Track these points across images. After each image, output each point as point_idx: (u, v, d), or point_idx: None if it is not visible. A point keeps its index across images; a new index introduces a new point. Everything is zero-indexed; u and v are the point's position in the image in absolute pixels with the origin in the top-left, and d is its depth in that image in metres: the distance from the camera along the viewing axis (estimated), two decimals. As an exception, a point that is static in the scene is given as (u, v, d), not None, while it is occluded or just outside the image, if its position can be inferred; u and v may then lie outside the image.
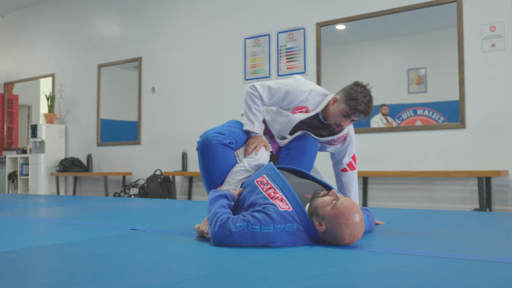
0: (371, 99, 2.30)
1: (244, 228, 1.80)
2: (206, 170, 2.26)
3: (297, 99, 2.35)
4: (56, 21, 7.75)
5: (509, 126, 4.19)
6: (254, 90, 2.38)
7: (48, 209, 4.02)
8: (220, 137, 2.23)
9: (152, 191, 6.01)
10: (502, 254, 1.71)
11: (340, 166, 2.58)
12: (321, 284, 1.28)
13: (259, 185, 2.03)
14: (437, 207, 4.45)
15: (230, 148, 2.26)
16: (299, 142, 2.39)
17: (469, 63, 4.35)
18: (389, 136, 4.75)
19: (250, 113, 2.37)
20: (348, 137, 2.51)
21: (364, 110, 2.27)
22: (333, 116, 2.34)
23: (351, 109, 2.27)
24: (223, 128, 2.32)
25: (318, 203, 1.85)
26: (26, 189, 7.41)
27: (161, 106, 6.42)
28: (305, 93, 2.35)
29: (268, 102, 2.38)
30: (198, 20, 6.14)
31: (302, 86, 2.37)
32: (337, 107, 2.32)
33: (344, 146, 2.53)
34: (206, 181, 2.29)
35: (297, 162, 2.37)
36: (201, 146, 2.24)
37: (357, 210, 1.80)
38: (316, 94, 2.38)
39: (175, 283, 1.29)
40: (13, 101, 8.39)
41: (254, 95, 2.37)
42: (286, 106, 2.38)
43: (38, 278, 1.42)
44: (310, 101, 2.36)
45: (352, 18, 4.97)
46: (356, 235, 1.81)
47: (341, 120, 2.33)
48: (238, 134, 2.35)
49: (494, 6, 4.28)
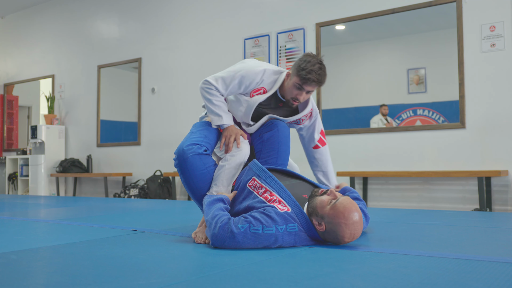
0: (322, 66, 2.24)
1: (246, 229, 1.79)
2: (189, 184, 2.21)
3: (253, 81, 2.30)
4: (56, 22, 7.76)
5: (509, 126, 4.19)
6: (208, 84, 2.31)
7: (48, 210, 4.02)
8: (194, 148, 2.17)
9: (152, 192, 6.01)
10: (502, 254, 1.71)
11: (312, 144, 2.54)
12: (321, 284, 1.28)
13: (253, 189, 2.02)
14: (437, 207, 4.45)
15: (207, 155, 2.22)
16: (270, 132, 2.35)
17: (469, 63, 4.35)
18: (389, 136, 4.75)
19: (213, 106, 2.31)
20: (313, 112, 2.48)
21: (315, 78, 2.22)
22: (288, 91, 2.31)
23: (302, 79, 2.23)
24: (193, 137, 2.25)
25: (317, 202, 1.85)
26: (26, 190, 7.41)
27: (161, 106, 6.42)
28: (259, 74, 2.31)
29: (225, 92, 2.32)
30: (198, 20, 6.14)
31: (255, 67, 2.33)
32: (290, 81, 2.29)
33: (311, 122, 2.50)
34: (192, 195, 2.25)
35: (274, 152, 2.33)
36: (179, 163, 2.19)
37: (356, 209, 1.81)
38: (271, 73, 2.34)
39: (175, 284, 1.29)
40: (13, 102, 8.39)
41: (210, 89, 2.31)
42: (243, 91, 2.33)
43: (38, 279, 1.42)
44: (266, 81, 2.33)
45: (352, 19, 4.97)
46: (356, 233, 1.81)
47: (296, 94, 2.28)
48: (210, 135, 2.30)
49: (494, 6, 4.28)
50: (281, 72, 2.36)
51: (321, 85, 2.29)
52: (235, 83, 2.29)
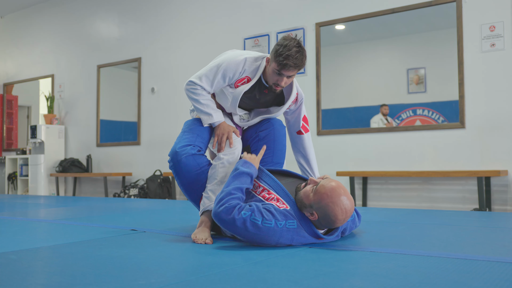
0: (300, 50, 2.14)
1: (247, 217, 1.80)
2: (185, 186, 2.22)
3: (236, 72, 2.27)
4: (55, 22, 7.75)
5: (508, 125, 4.19)
6: (192, 84, 2.30)
7: (48, 210, 4.02)
8: (187, 149, 2.18)
9: (152, 191, 6.01)
10: (501, 254, 1.71)
11: (296, 128, 2.51)
12: (321, 284, 1.28)
13: (252, 190, 2.03)
14: (437, 207, 4.45)
15: (200, 155, 2.22)
16: (266, 131, 2.35)
17: (469, 63, 4.35)
18: (389, 136, 4.75)
19: (201, 106, 2.29)
20: (299, 96, 2.43)
21: (292, 63, 2.13)
22: (269, 77, 2.26)
23: (280, 65, 2.15)
24: (186, 137, 2.25)
25: (302, 195, 1.87)
26: (26, 190, 7.41)
27: (160, 106, 6.42)
28: (241, 63, 2.27)
29: (211, 88, 2.30)
30: (198, 20, 6.14)
31: (236, 57, 2.29)
32: (270, 67, 2.24)
33: (297, 106, 2.46)
34: (188, 196, 2.26)
35: (270, 151, 2.33)
36: (173, 165, 2.20)
37: (338, 185, 1.82)
38: (252, 60, 2.30)
39: (175, 284, 1.29)
40: (13, 102, 8.39)
41: (195, 89, 2.29)
42: (228, 83, 2.31)
43: (38, 279, 1.42)
44: (248, 70, 2.29)
45: (352, 18, 4.97)
46: (347, 209, 1.81)
47: (276, 79, 2.22)
48: (202, 134, 2.30)
49: (494, 6, 4.28)
50: (263, 58, 2.31)
51: (300, 69, 2.21)
52: (219, 78, 2.27)
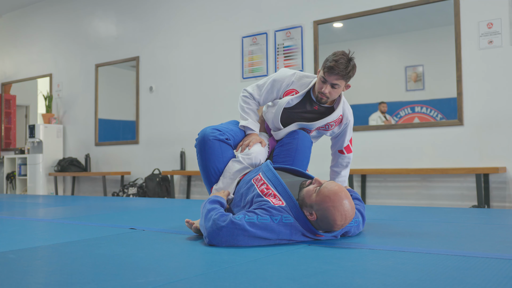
0: (347, 59, 2.21)
1: (241, 219, 1.81)
2: (203, 166, 2.32)
3: (283, 83, 2.41)
4: (53, 21, 7.74)
5: (507, 122, 4.19)
6: (245, 92, 2.49)
7: (46, 209, 4.02)
8: (216, 133, 2.29)
9: (151, 190, 6.01)
10: (500, 250, 1.71)
11: (339, 147, 2.57)
12: (319, 281, 1.28)
13: (255, 182, 2.05)
14: (435, 204, 4.46)
15: (227, 144, 2.31)
16: (290, 138, 2.39)
17: (467, 60, 4.35)
18: (387, 134, 4.75)
19: (243, 112, 2.46)
20: (344, 119, 2.46)
21: (337, 68, 2.19)
22: (316, 86, 2.34)
23: (324, 68, 2.24)
24: (221, 126, 2.38)
25: (304, 193, 1.87)
26: (25, 189, 7.40)
27: (159, 105, 6.41)
28: (290, 76, 2.42)
29: (260, 98, 2.46)
30: (195, 19, 6.13)
31: (287, 72, 2.45)
32: (318, 76, 2.32)
33: (341, 128, 2.50)
34: (204, 177, 2.35)
35: (290, 158, 2.35)
36: (199, 143, 2.30)
37: (341, 190, 1.80)
38: (302, 75, 2.43)
39: (174, 282, 1.29)
40: (11, 101, 8.37)
41: (246, 96, 2.48)
42: (277, 95, 2.44)
43: (37, 278, 1.42)
44: (296, 83, 2.41)
45: (349, 16, 4.97)
46: (347, 215, 1.80)
47: (321, 87, 2.29)
48: (236, 132, 2.40)
49: (491, 3, 4.28)
50: (314, 77, 2.42)
51: (344, 76, 2.24)
52: (268, 87, 2.43)
